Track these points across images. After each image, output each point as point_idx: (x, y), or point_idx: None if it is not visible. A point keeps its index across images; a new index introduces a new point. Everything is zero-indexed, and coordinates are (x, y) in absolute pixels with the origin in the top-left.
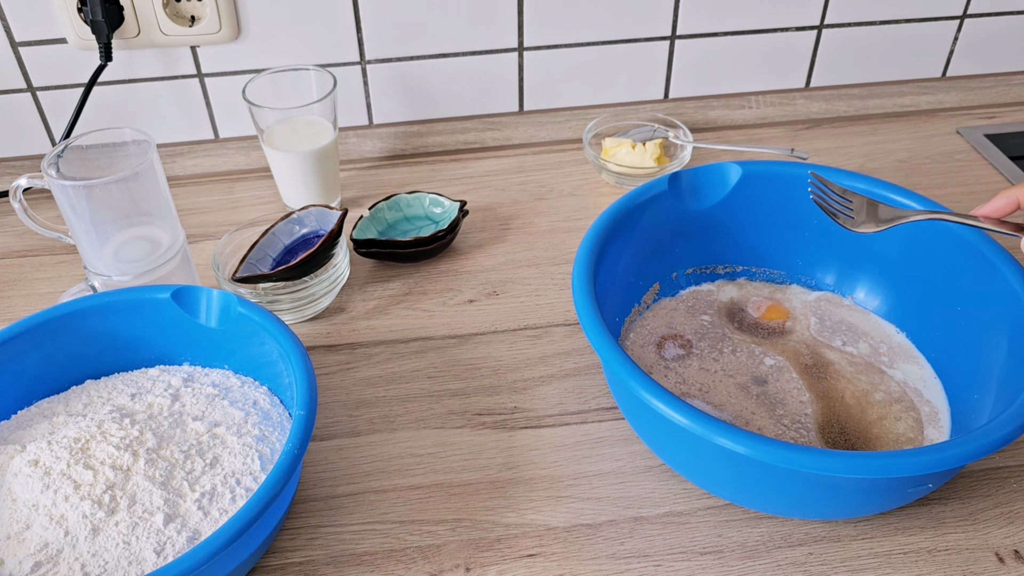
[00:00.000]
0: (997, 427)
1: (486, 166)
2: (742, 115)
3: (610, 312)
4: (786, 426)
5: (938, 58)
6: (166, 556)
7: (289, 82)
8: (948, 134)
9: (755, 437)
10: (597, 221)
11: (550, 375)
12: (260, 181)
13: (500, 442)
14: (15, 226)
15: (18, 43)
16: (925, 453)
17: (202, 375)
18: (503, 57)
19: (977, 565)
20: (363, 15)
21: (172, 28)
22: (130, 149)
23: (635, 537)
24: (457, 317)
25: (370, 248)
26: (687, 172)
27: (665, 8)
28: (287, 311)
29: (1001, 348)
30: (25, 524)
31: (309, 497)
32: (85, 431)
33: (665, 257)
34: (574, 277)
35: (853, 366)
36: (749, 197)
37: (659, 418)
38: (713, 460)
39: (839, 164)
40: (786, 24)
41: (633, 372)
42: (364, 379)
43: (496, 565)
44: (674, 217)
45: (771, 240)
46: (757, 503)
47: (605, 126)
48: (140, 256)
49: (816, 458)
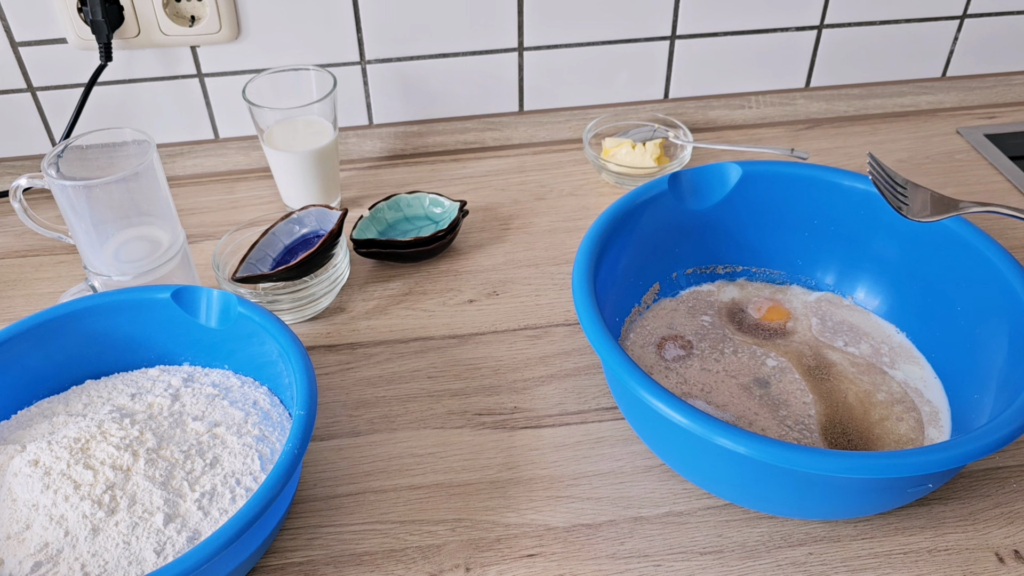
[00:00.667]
0: (997, 427)
1: (486, 166)
2: (742, 115)
3: (610, 312)
4: (789, 427)
5: (938, 58)
6: (166, 556)
7: (289, 82)
8: (948, 134)
9: (755, 437)
10: (597, 221)
11: (550, 375)
12: (260, 181)
13: (500, 442)
14: (15, 226)
15: (18, 43)
16: (925, 453)
17: (202, 375)
18: (503, 57)
19: (977, 565)
20: (363, 15)
21: (172, 28)
22: (130, 149)
23: (635, 537)
24: (457, 317)
25: (370, 248)
26: (687, 172)
27: (665, 8)
28: (287, 311)
29: (1001, 348)
30: (25, 524)
31: (309, 497)
32: (85, 431)
33: (665, 257)
34: (574, 277)
35: (855, 367)
36: (749, 197)
37: (659, 418)
38: (713, 460)
39: (839, 164)
40: (786, 24)
41: (633, 372)
42: (364, 379)
43: (496, 565)
44: (674, 217)
45: (771, 240)
46: (757, 503)
47: (605, 126)
48: (140, 256)
49: (816, 458)
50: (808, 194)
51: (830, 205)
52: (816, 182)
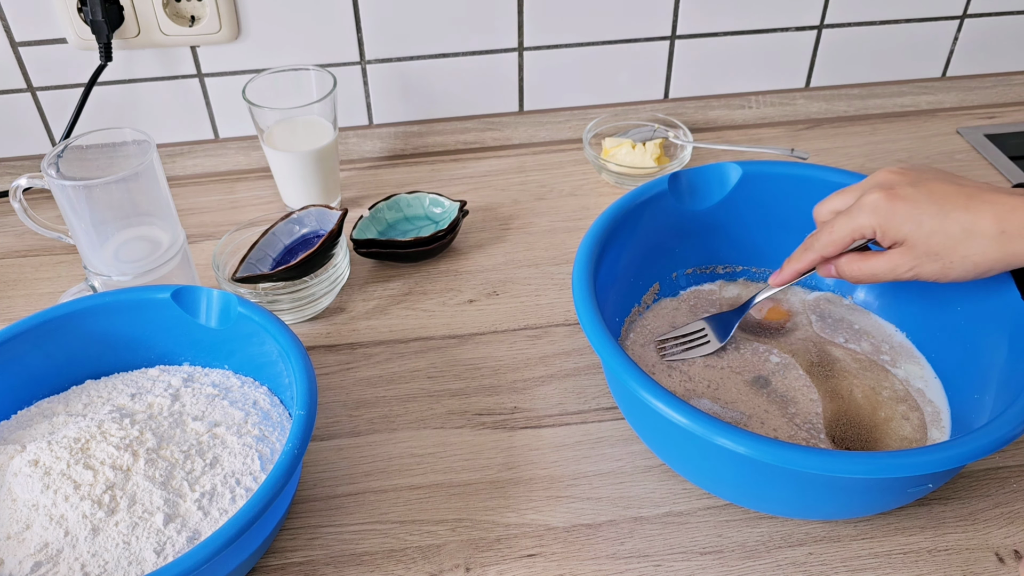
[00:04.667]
0: (997, 427)
1: (486, 166)
2: (742, 115)
3: (610, 312)
4: (798, 425)
5: (938, 58)
6: (166, 556)
7: (289, 82)
8: (948, 134)
9: (755, 437)
10: (597, 221)
11: (550, 375)
12: (260, 181)
13: (500, 442)
14: (15, 226)
15: (18, 43)
16: (925, 453)
17: (202, 375)
18: (503, 57)
19: (977, 565)
20: (363, 15)
21: (172, 28)
22: (130, 149)
23: (635, 537)
24: (457, 317)
25: (370, 248)
26: (687, 172)
27: (665, 8)
28: (287, 311)
29: (1001, 348)
30: (25, 524)
31: (309, 497)
32: (85, 431)
33: (665, 257)
34: (574, 277)
35: (857, 363)
36: (749, 197)
37: (659, 418)
38: (713, 460)
39: (839, 164)
40: (786, 24)
41: (633, 372)
42: (364, 379)
43: (496, 565)
44: (674, 217)
45: (772, 240)
46: (757, 503)
47: (605, 126)
48: (140, 256)
49: (816, 458)
50: (808, 194)
51: None
52: (815, 182)
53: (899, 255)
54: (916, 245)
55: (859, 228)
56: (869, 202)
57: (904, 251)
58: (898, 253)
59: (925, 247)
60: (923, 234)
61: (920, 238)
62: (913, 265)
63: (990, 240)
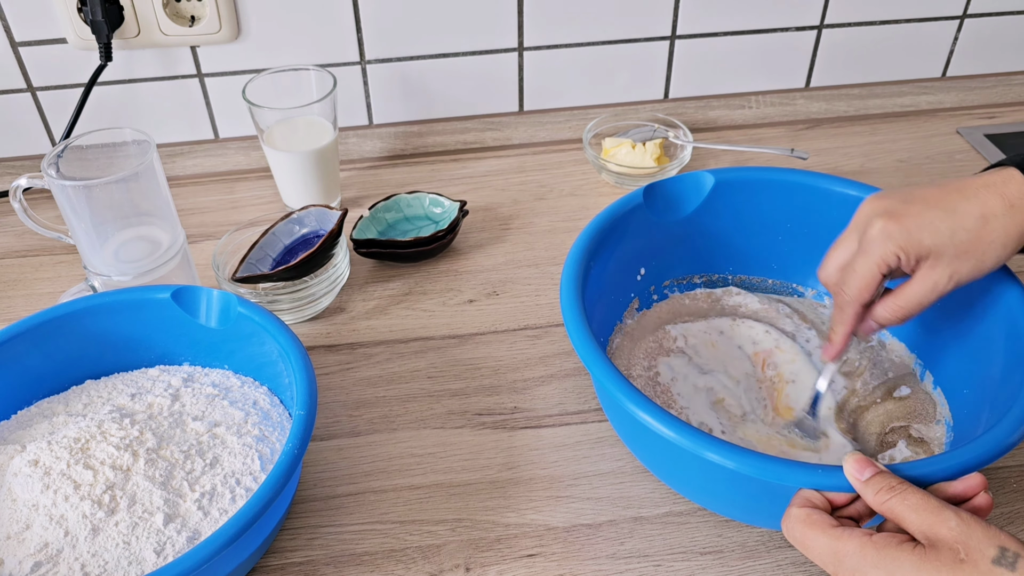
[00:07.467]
0: (991, 440)
1: (486, 166)
2: (742, 115)
3: (595, 330)
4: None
5: (938, 58)
6: (166, 556)
7: (289, 82)
8: (948, 134)
9: (745, 452)
10: (579, 238)
11: (550, 375)
12: (260, 181)
13: (500, 442)
14: (15, 226)
15: (18, 43)
16: (921, 467)
17: (202, 375)
18: (503, 57)
19: None
20: (363, 15)
21: (172, 28)
22: (130, 149)
23: (635, 537)
24: (457, 317)
25: (370, 248)
26: (661, 183)
27: (665, 8)
28: (287, 311)
29: (998, 353)
30: (25, 524)
31: (309, 497)
32: (85, 431)
33: (648, 268)
34: (562, 294)
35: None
36: (726, 204)
37: (652, 434)
38: (699, 472)
39: (839, 164)
40: (786, 24)
41: (627, 391)
42: (364, 379)
43: (496, 565)
44: (652, 229)
45: (753, 247)
46: (748, 516)
47: (605, 126)
48: (140, 256)
49: (810, 475)
50: (781, 198)
51: (810, 209)
52: (788, 186)
53: (930, 269)
54: (943, 251)
55: (883, 259)
56: (877, 232)
57: (934, 263)
58: (928, 268)
59: (953, 249)
60: (945, 238)
61: (944, 242)
62: (951, 272)
63: (1004, 217)
